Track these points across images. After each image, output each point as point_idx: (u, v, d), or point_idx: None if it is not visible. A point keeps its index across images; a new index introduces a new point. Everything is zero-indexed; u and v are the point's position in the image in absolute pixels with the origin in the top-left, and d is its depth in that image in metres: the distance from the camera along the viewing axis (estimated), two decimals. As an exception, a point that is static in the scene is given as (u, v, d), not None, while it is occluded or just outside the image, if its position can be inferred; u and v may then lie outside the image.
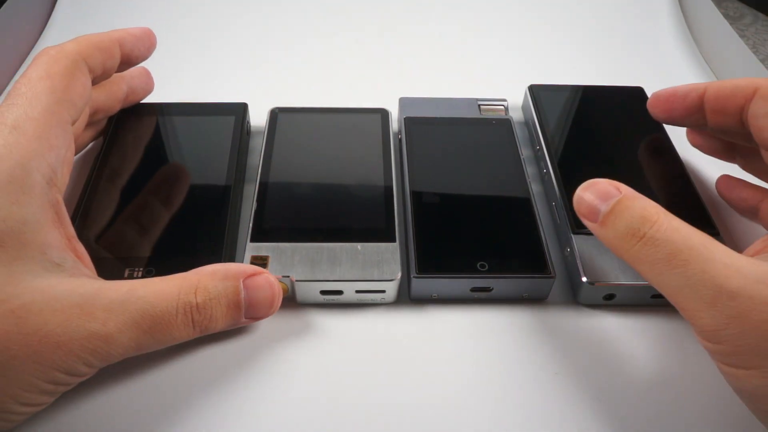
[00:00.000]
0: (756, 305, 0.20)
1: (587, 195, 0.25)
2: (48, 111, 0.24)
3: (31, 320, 0.20)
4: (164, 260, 0.28)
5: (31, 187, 0.22)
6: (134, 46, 0.30)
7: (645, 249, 0.23)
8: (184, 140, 0.34)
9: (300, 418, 0.24)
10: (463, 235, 0.29)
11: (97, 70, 0.28)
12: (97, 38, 0.28)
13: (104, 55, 0.28)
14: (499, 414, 0.25)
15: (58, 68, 0.25)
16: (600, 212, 0.25)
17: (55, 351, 0.21)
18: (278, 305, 0.26)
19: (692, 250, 0.22)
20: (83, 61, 0.27)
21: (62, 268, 0.22)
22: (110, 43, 0.28)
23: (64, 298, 0.21)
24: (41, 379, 0.21)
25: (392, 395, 0.25)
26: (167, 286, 0.23)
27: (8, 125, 0.23)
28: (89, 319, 0.21)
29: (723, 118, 0.29)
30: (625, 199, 0.24)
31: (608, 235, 0.25)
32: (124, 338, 0.22)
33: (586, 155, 0.35)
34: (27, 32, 0.46)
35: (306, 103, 0.37)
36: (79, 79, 0.26)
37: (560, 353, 0.27)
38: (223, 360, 0.26)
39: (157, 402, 0.24)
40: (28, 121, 0.23)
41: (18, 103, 0.24)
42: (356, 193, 0.31)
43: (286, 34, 0.48)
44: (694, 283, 0.22)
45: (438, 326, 0.28)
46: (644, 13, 0.52)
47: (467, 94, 0.39)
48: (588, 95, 0.39)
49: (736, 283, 0.21)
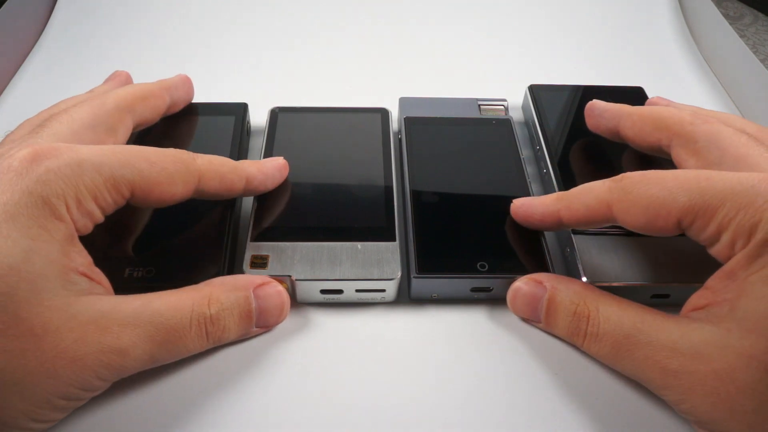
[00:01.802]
0: (698, 380, 0.21)
1: (519, 306, 0.27)
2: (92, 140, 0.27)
3: (48, 338, 0.21)
4: (164, 260, 0.28)
5: (59, 211, 0.22)
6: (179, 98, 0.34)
7: (592, 346, 0.25)
8: (184, 140, 0.34)
9: (300, 417, 0.24)
10: (463, 235, 0.29)
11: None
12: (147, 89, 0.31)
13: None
14: (499, 414, 0.25)
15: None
16: (539, 317, 0.27)
17: (70, 367, 0.21)
18: (287, 313, 0.27)
19: (630, 338, 0.23)
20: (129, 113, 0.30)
21: (80, 287, 0.22)
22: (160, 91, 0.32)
23: (80, 315, 0.21)
24: (56, 396, 0.21)
25: (392, 395, 0.25)
26: (180, 298, 0.23)
27: (77, 159, 0.23)
28: (104, 334, 0.21)
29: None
30: (553, 299, 0.26)
31: (557, 333, 0.27)
32: (139, 351, 0.22)
33: (586, 155, 0.35)
34: (27, 32, 0.46)
35: (306, 103, 0.37)
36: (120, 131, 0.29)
37: (560, 353, 0.27)
38: (222, 359, 0.26)
39: (156, 402, 0.24)
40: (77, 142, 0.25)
41: (61, 131, 0.26)
42: (356, 192, 0.31)
43: (287, 34, 0.48)
44: (643, 369, 0.23)
45: (438, 326, 0.28)
46: (644, 13, 0.52)
47: (467, 94, 0.39)
48: (588, 95, 0.39)
49: (676, 364, 0.22)
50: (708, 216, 0.23)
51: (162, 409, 0.24)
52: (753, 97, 0.42)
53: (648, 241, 0.29)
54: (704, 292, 0.24)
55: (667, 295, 0.28)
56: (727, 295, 0.22)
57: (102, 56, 0.45)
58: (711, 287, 0.23)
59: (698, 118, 0.28)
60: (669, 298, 0.29)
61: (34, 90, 0.42)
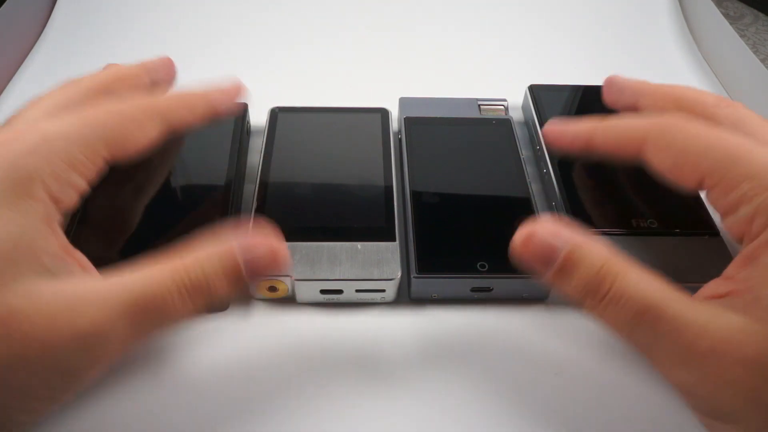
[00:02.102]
0: (725, 366, 0.20)
1: (528, 253, 0.23)
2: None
3: (18, 327, 0.20)
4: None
5: (35, 193, 0.22)
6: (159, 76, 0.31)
7: (608, 310, 0.22)
8: (183, 140, 0.34)
9: (299, 417, 0.24)
10: (463, 234, 0.29)
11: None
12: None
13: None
14: (499, 414, 0.25)
15: None
16: (551, 264, 0.23)
17: (43, 354, 0.20)
18: (285, 259, 0.24)
19: (655, 309, 0.21)
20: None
21: (54, 273, 0.22)
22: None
23: (52, 302, 0.21)
24: (36, 386, 0.20)
25: (392, 395, 0.25)
26: (158, 268, 0.22)
27: (41, 134, 0.23)
28: (76, 317, 0.21)
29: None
30: (574, 253, 0.22)
31: (566, 290, 0.23)
32: (119, 330, 0.21)
33: (586, 155, 0.35)
34: (27, 32, 0.46)
35: (306, 103, 0.37)
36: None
37: (560, 353, 0.27)
38: (221, 359, 0.26)
39: (154, 402, 0.24)
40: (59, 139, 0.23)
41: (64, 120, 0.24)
42: (356, 192, 0.31)
43: (287, 34, 0.48)
44: (664, 344, 0.21)
45: (438, 326, 0.28)
46: (644, 13, 0.52)
47: (467, 94, 0.39)
48: (588, 95, 0.39)
49: (705, 345, 0.20)
50: (733, 184, 0.22)
51: (156, 411, 0.24)
52: (753, 97, 0.42)
53: (648, 241, 0.29)
54: (723, 282, 0.23)
55: (667, 295, 0.28)
56: (750, 283, 0.21)
57: (102, 56, 0.45)
58: (731, 276, 0.23)
59: (722, 101, 0.27)
60: (669, 298, 0.29)
61: (34, 90, 0.41)
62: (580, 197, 0.32)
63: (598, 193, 0.32)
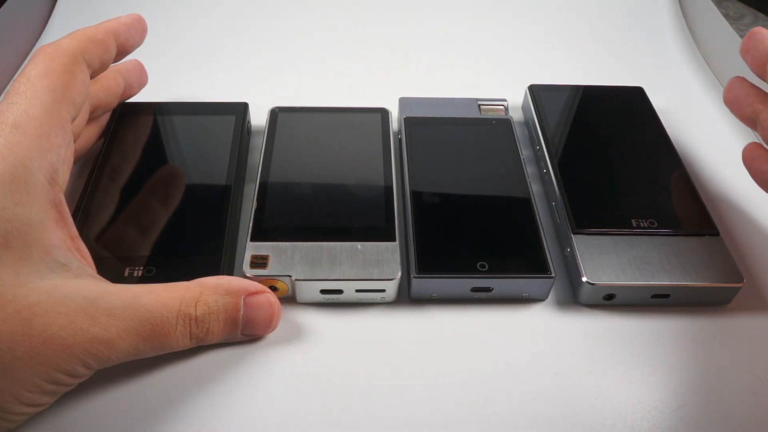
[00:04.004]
0: None
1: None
2: (48, 109, 0.24)
3: (36, 322, 0.20)
4: (164, 260, 0.28)
5: (34, 187, 0.22)
6: (128, 35, 0.30)
7: None
8: (184, 140, 0.34)
9: (299, 417, 0.24)
10: (463, 234, 0.29)
11: (94, 64, 0.28)
12: (91, 32, 0.28)
13: (100, 49, 0.28)
14: (499, 414, 0.25)
15: (56, 65, 0.25)
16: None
17: (58, 353, 0.21)
18: (276, 325, 0.27)
19: None
20: (81, 57, 0.27)
21: (67, 268, 0.22)
22: (105, 36, 0.28)
23: (69, 301, 0.21)
24: (43, 380, 0.21)
25: (392, 394, 0.25)
26: (170, 295, 0.23)
27: (8, 124, 0.23)
28: (93, 324, 0.21)
29: None
30: None
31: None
32: (124, 344, 0.22)
33: (586, 155, 0.35)
34: (27, 32, 0.46)
35: (306, 103, 0.37)
36: (77, 75, 0.26)
37: (560, 353, 0.27)
38: (221, 359, 0.26)
39: (154, 402, 0.24)
40: (29, 119, 0.23)
41: (17, 102, 0.24)
42: (356, 192, 0.31)
43: (287, 33, 0.48)
44: None
45: (438, 326, 0.28)
46: (644, 13, 0.52)
47: (467, 94, 0.39)
48: (588, 95, 0.39)
49: None
50: None
51: (156, 410, 0.24)
52: (753, 97, 0.42)
53: (648, 241, 0.29)
54: None
55: (667, 295, 0.28)
56: None
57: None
58: None
59: None
60: (669, 298, 0.29)
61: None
62: (580, 197, 0.32)
63: (598, 193, 0.32)
